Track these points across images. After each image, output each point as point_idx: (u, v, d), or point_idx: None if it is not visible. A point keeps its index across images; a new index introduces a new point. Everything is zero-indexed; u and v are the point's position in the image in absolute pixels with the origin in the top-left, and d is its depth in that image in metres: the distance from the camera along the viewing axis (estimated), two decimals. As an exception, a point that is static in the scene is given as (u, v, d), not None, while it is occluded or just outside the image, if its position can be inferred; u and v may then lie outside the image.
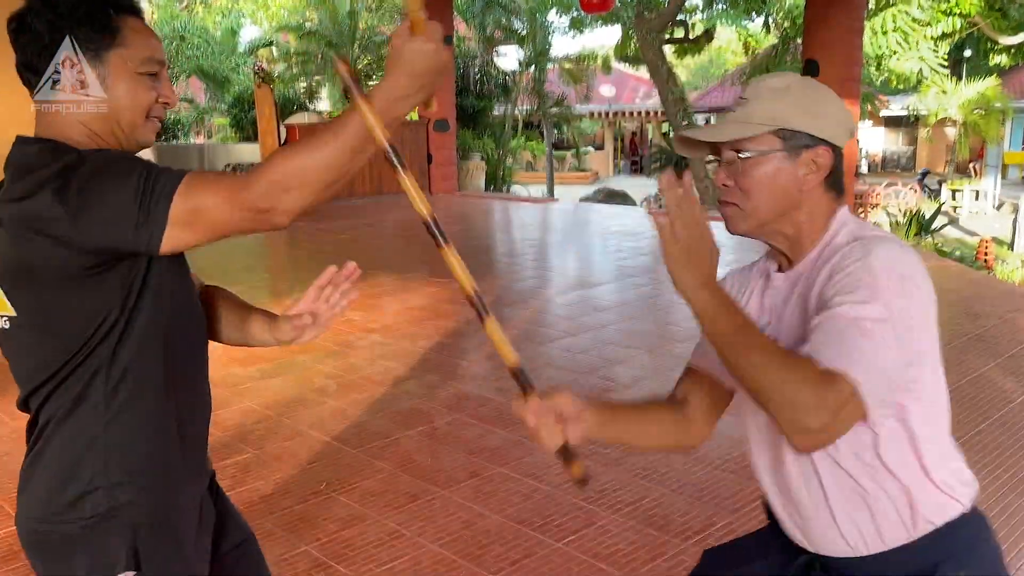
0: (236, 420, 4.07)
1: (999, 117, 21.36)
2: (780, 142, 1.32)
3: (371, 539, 2.92)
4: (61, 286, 1.24)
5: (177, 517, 1.39)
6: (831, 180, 1.35)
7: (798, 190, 1.33)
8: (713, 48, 29.65)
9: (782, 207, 1.34)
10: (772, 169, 1.33)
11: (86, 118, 1.31)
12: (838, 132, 1.35)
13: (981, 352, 5.05)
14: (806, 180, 1.32)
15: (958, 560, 1.30)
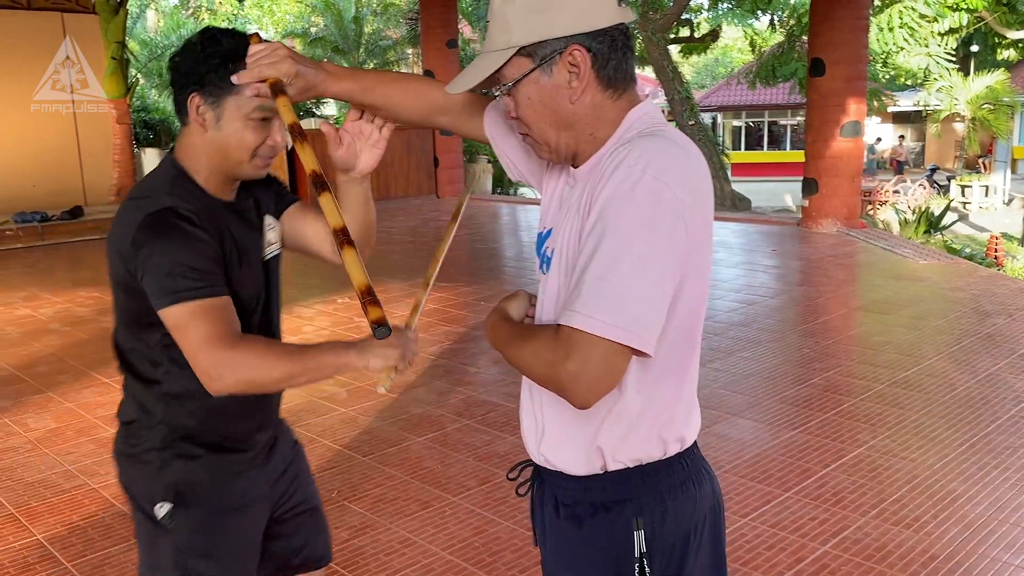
0: (247, 429, 4.10)
1: (1008, 112, 21.26)
2: (528, 60, 1.17)
3: (382, 547, 2.94)
4: None
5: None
6: (605, 76, 1.17)
7: (571, 102, 1.18)
8: (719, 47, 29.59)
9: (564, 125, 1.20)
10: (535, 92, 1.18)
11: (207, 150, 1.54)
12: (581, 17, 1.14)
13: (991, 351, 5.03)
14: (573, 89, 1.17)
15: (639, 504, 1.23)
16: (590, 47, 1.15)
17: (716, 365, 4.92)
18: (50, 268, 9.21)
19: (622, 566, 1.23)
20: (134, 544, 2.97)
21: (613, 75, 1.18)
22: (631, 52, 1.20)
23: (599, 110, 1.19)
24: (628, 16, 1.20)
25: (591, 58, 1.16)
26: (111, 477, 3.55)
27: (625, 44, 1.18)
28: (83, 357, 5.45)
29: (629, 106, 1.21)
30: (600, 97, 1.19)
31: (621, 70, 1.18)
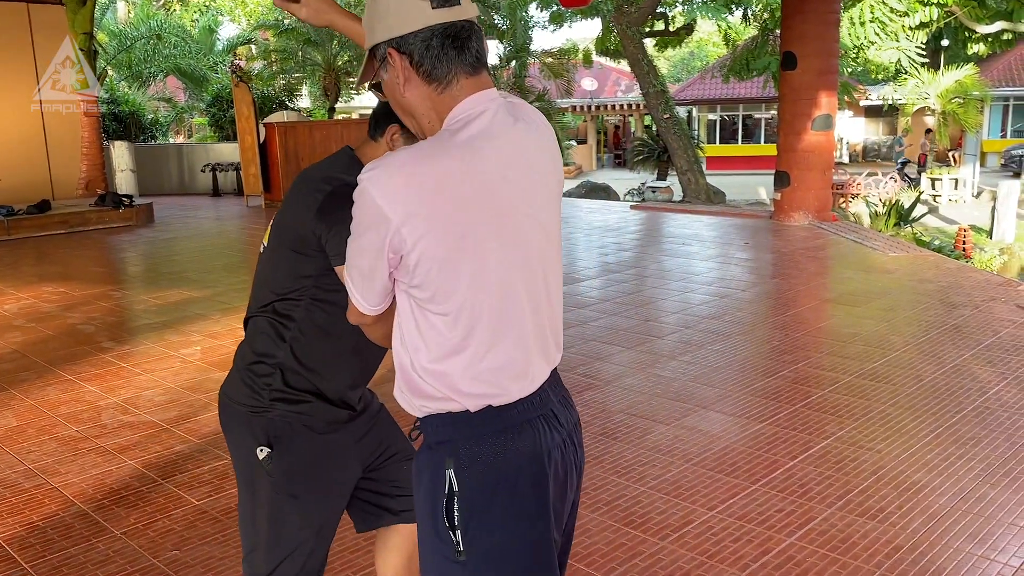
0: (212, 426, 4.04)
1: (977, 105, 21.52)
2: (375, 61, 1.38)
3: (348, 544, 2.90)
4: None
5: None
6: (423, 72, 1.33)
7: (401, 95, 1.36)
8: (694, 40, 29.70)
9: (407, 113, 1.40)
10: (385, 87, 1.39)
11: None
12: (393, 24, 1.32)
13: (957, 343, 5.09)
14: (399, 84, 1.35)
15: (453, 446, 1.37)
16: (401, 48, 1.32)
17: (686, 358, 4.93)
18: (15, 263, 9.05)
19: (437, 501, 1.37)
20: (93, 544, 2.92)
21: (431, 71, 1.33)
22: (456, 49, 1.32)
23: (427, 101, 1.35)
24: (458, 15, 1.32)
25: (405, 58, 1.33)
26: (72, 476, 3.50)
27: (445, 44, 1.32)
28: (47, 354, 5.36)
29: (455, 102, 1.34)
30: (426, 90, 1.34)
31: (440, 66, 1.32)
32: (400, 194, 1.25)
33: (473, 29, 1.35)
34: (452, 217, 1.27)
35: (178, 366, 5.04)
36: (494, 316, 1.33)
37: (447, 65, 1.32)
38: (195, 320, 6.13)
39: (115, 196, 11.95)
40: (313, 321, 1.77)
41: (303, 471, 1.82)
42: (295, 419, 1.79)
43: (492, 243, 1.31)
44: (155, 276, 8.45)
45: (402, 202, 1.25)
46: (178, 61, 20.18)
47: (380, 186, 1.25)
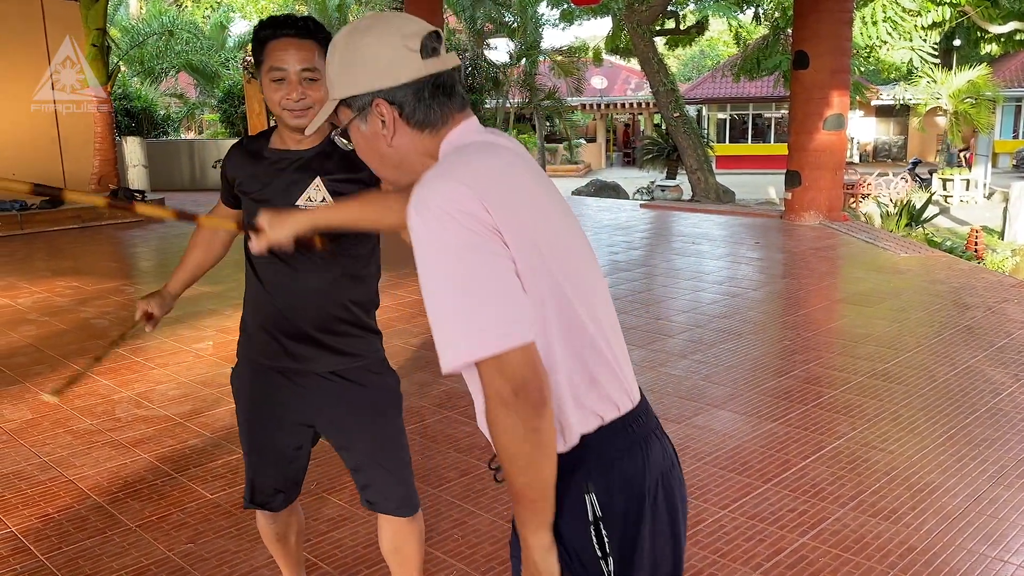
0: (225, 421, 4.06)
1: (989, 106, 21.40)
2: (349, 111, 1.31)
3: (361, 539, 2.92)
4: None
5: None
6: (415, 121, 1.28)
7: (387, 146, 1.30)
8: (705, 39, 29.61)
9: (391, 164, 1.33)
10: (360, 137, 1.33)
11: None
12: (380, 74, 1.26)
13: (970, 343, 5.07)
14: (385, 136, 1.29)
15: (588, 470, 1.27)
16: (392, 100, 1.27)
17: (697, 357, 4.93)
18: (28, 257, 9.10)
19: (584, 531, 1.25)
20: (108, 536, 2.94)
21: (424, 120, 1.29)
22: (447, 96, 1.29)
23: (420, 146, 1.30)
24: (443, 65, 1.29)
25: (396, 109, 1.28)
26: (87, 469, 3.52)
27: (437, 92, 1.28)
28: (61, 347, 5.39)
29: (440, 140, 1.30)
30: (416, 137, 1.30)
31: (433, 115, 1.29)
32: (465, 190, 1.15)
33: (455, 75, 1.32)
34: (527, 222, 1.19)
35: (191, 360, 5.06)
36: (579, 327, 1.24)
37: (439, 111, 1.29)
38: (207, 315, 6.16)
39: (127, 191, 12.01)
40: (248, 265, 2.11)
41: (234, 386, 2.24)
42: (238, 348, 2.20)
43: (555, 249, 1.24)
44: (167, 271, 8.44)
45: (472, 196, 1.15)
46: (190, 57, 20.27)
47: (442, 194, 1.15)
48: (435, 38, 1.29)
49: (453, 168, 1.20)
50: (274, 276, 2.05)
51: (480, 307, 1.12)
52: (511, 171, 1.24)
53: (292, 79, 1.89)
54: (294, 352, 2.06)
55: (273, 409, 2.13)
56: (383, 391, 2.15)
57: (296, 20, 1.92)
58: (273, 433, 2.14)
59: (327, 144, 1.99)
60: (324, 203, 1.97)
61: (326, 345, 2.06)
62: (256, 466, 2.19)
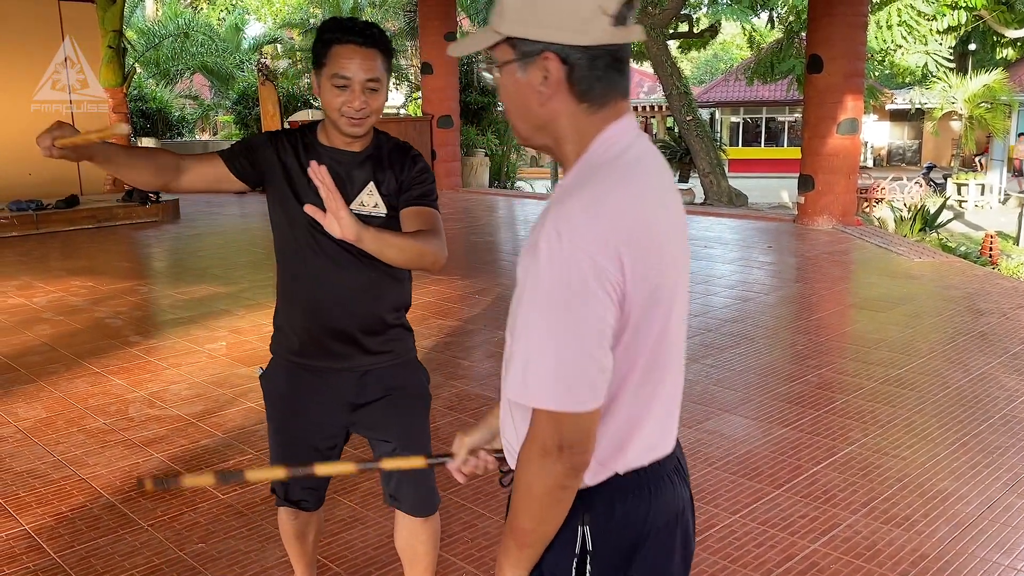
0: (238, 421, 4.08)
1: (1005, 111, 21.25)
2: (511, 50, 1.16)
3: (371, 540, 2.93)
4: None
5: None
6: (579, 89, 1.15)
7: (540, 105, 1.17)
8: (718, 42, 29.54)
9: (533, 124, 1.20)
10: (511, 83, 1.18)
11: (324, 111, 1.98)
12: (564, 28, 1.11)
13: (984, 350, 5.03)
14: (541, 94, 1.15)
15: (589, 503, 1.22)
16: (566, 58, 1.13)
17: (709, 361, 4.91)
18: (44, 256, 9.18)
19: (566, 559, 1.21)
20: (121, 535, 2.96)
21: (588, 91, 1.15)
22: (619, 74, 1.17)
23: (573, 120, 1.17)
24: (630, 36, 1.16)
25: (565, 70, 1.14)
26: (100, 467, 3.55)
27: (611, 66, 1.15)
28: (75, 347, 5.43)
29: (605, 124, 1.18)
30: (573, 107, 1.17)
31: (599, 88, 1.16)
32: (606, 237, 1.07)
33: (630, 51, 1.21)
34: (650, 263, 1.12)
35: (204, 361, 5.09)
36: (647, 371, 1.19)
37: (606, 87, 1.16)
38: (220, 316, 6.19)
39: (142, 192, 12.08)
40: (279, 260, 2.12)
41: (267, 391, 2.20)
42: (273, 348, 2.17)
43: (671, 289, 1.18)
44: (181, 272, 8.53)
45: (611, 245, 1.07)
46: (205, 59, 20.39)
47: (582, 234, 1.07)
48: (629, 6, 1.15)
49: (599, 199, 1.10)
50: (319, 272, 2.03)
51: (568, 362, 1.07)
52: (653, 207, 1.15)
53: (356, 88, 1.89)
54: (335, 350, 2.07)
55: (309, 411, 2.13)
56: (416, 388, 2.18)
57: (363, 28, 1.91)
58: (311, 435, 2.15)
59: (373, 148, 2.02)
60: (376, 208, 2.00)
61: (365, 343, 2.07)
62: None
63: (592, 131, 1.17)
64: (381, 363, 2.10)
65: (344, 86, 1.89)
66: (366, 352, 2.08)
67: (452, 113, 14.20)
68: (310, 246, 2.01)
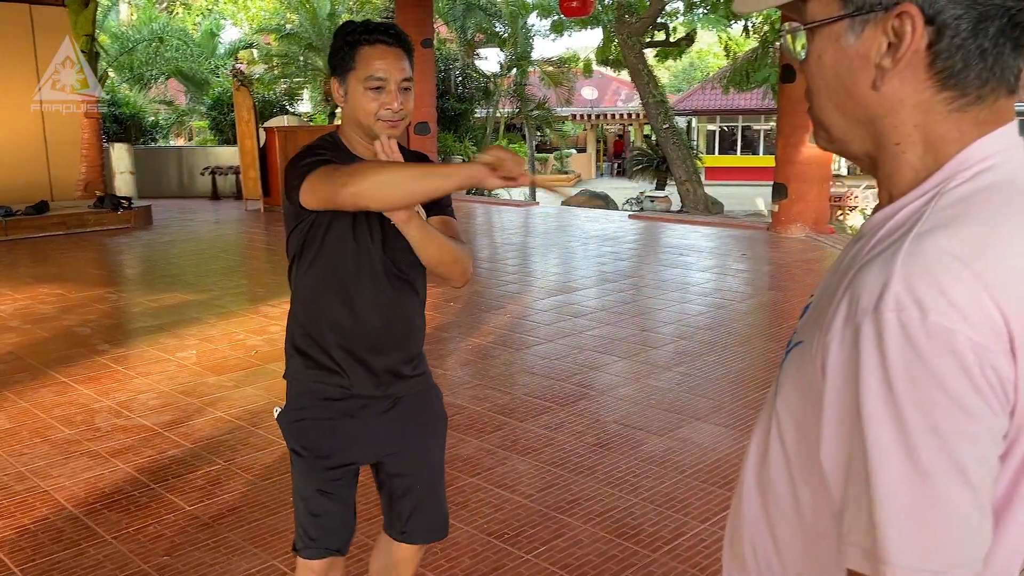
0: (206, 431, 4.04)
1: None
2: (839, 5, 0.78)
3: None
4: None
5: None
6: (944, 67, 0.75)
7: (871, 87, 0.78)
8: (694, 51, 29.79)
9: (855, 118, 0.81)
10: (830, 52, 0.80)
11: (348, 121, 1.89)
12: None
13: (953, 357, 5.08)
14: (881, 69, 0.77)
15: None
16: (935, 16, 0.74)
17: (682, 369, 4.93)
18: (13, 264, 9.04)
19: None
20: (84, 548, 2.91)
21: (959, 72, 0.75)
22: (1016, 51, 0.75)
23: (924, 115, 0.78)
24: None
25: (930, 32, 0.74)
26: (64, 479, 3.49)
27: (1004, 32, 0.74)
28: (42, 356, 5.35)
29: (978, 130, 0.77)
30: (927, 96, 0.77)
31: (979, 72, 0.75)
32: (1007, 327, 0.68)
33: None
34: None
35: (173, 369, 5.03)
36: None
37: (990, 71, 0.75)
38: (191, 324, 6.12)
39: (114, 198, 11.95)
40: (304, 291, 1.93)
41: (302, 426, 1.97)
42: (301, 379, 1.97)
43: None
44: (152, 279, 8.44)
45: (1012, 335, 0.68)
46: (179, 64, 20.23)
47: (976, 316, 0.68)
48: None
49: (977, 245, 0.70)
50: (376, 295, 1.89)
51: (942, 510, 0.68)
52: None
53: (392, 88, 1.81)
54: (382, 379, 1.94)
55: (348, 451, 1.97)
56: (437, 411, 2.10)
57: (388, 27, 1.84)
58: (351, 478, 2.02)
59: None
60: (418, 212, 1.87)
61: (404, 370, 1.98)
62: (331, 512, 1.98)
63: (955, 138, 0.77)
64: (415, 388, 2.02)
65: (380, 87, 1.80)
66: (403, 378, 1.98)
67: (429, 119, 14.19)
68: (370, 270, 1.87)
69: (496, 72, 20.20)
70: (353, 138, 1.89)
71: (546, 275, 8.41)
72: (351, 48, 1.81)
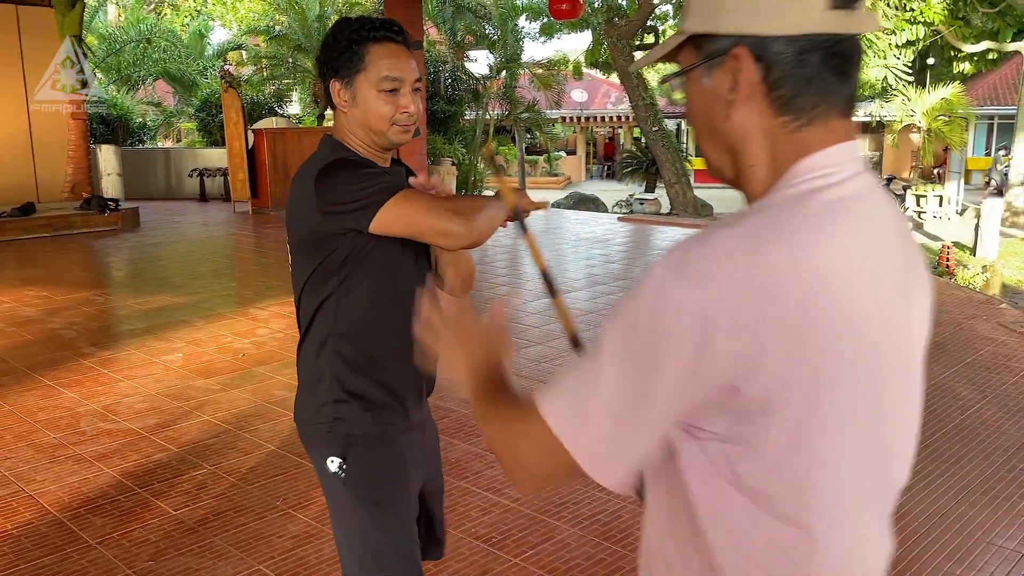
0: (192, 435, 4.01)
1: (962, 124, 21.71)
2: (695, 53, 0.91)
3: (326, 556, 2.88)
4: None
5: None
6: (778, 96, 0.87)
7: (725, 119, 0.90)
8: (683, 54, 29.81)
9: (720, 147, 0.93)
10: (695, 93, 0.93)
11: (354, 128, 1.72)
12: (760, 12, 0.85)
13: (939, 360, 5.11)
14: (729, 102, 0.89)
15: None
16: (762, 55, 0.86)
17: (671, 372, 4.93)
18: (-2, 266, 8.98)
19: None
20: (68, 553, 2.89)
21: (792, 98, 0.87)
22: (839, 78, 0.87)
23: (767, 139, 0.89)
24: (857, 25, 0.87)
25: (760, 69, 0.86)
26: (48, 483, 3.46)
27: (827, 65, 0.86)
28: (27, 358, 5.31)
29: (812, 147, 0.88)
30: (769, 121, 0.88)
31: (807, 95, 0.86)
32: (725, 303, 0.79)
33: (859, 49, 0.90)
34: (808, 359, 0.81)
35: (159, 373, 5.00)
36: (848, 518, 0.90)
37: (818, 96, 0.87)
38: (178, 326, 6.09)
39: (101, 200, 11.88)
40: (348, 321, 1.70)
41: (380, 475, 1.75)
42: (363, 424, 1.74)
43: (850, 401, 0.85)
44: (139, 281, 8.39)
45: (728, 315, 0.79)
46: (168, 65, 20.15)
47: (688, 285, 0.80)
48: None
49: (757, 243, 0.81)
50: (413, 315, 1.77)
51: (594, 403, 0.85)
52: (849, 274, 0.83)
53: (407, 90, 1.69)
54: (424, 399, 1.85)
55: (414, 488, 1.84)
56: (434, 424, 1.99)
57: (393, 24, 1.71)
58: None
59: (394, 161, 1.85)
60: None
61: (429, 384, 1.88)
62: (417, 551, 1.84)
63: (791, 156, 0.88)
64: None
65: (395, 89, 1.67)
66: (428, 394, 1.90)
67: (420, 122, 14.17)
68: (422, 280, 1.73)
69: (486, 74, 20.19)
70: (357, 145, 1.73)
71: (536, 277, 8.40)
72: (358, 46, 1.66)
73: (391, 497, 1.76)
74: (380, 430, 1.75)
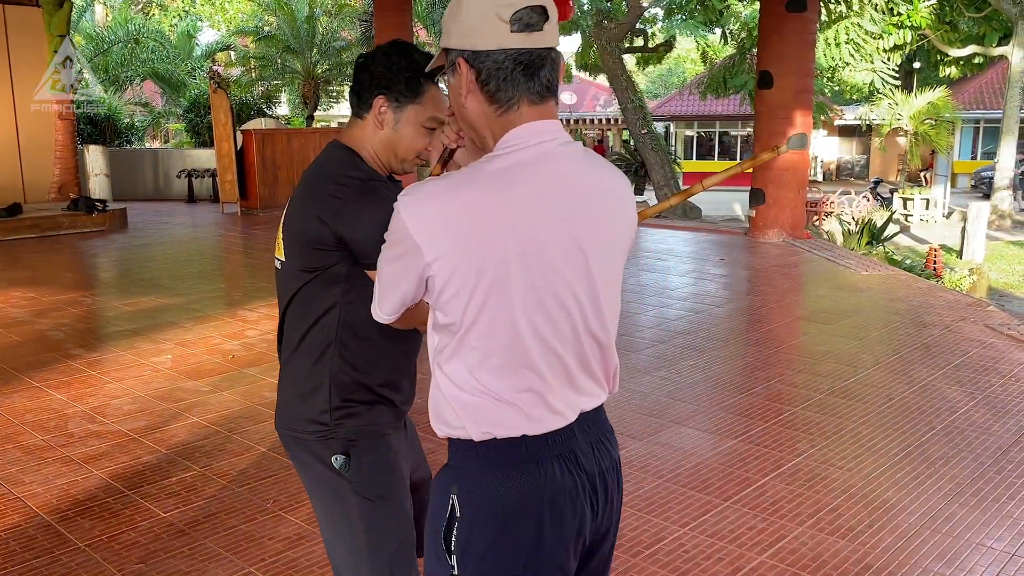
0: (181, 437, 3.99)
1: (948, 127, 21.88)
2: (444, 59, 1.35)
3: (317, 558, 2.87)
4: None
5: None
6: (488, 91, 1.29)
7: (463, 107, 1.33)
8: (672, 57, 29.95)
9: (465, 122, 1.36)
10: (449, 87, 1.36)
11: (377, 145, 1.77)
12: (467, 35, 1.28)
13: (927, 362, 5.14)
14: (461, 95, 1.31)
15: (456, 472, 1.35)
16: (472, 63, 1.29)
17: (661, 373, 4.94)
18: (-16, 267, 8.90)
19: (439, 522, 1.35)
20: (56, 556, 2.86)
21: (495, 92, 1.29)
22: (526, 77, 1.28)
23: (487, 120, 1.32)
24: (537, 42, 1.27)
25: (473, 72, 1.29)
26: (36, 486, 3.43)
27: (516, 70, 1.27)
28: (14, 360, 5.26)
29: (511, 126, 1.30)
30: (486, 108, 1.31)
31: (505, 90, 1.28)
32: (431, 226, 1.23)
33: (548, 57, 1.30)
34: (476, 252, 1.24)
35: (148, 374, 4.97)
36: (506, 352, 1.29)
37: (512, 90, 1.29)
38: (167, 328, 6.06)
39: (88, 200, 11.81)
40: (351, 329, 1.74)
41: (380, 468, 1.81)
42: (362, 424, 1.79)
43: (514, 278, 1.26)
44: (127, 282, 8.34)
45: (432, 234, 1.23)
46: (156, 66, 20.06)
47: (413, 215, 1.25)
48: (536, 13, 1.26)
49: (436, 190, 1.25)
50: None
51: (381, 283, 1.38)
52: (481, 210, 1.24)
53: (437, 131, 1.72)
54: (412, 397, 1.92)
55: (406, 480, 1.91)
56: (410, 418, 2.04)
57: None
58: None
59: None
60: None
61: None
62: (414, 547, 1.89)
63: (500, 132, 1.31)
64: None
65: (434, 128, 1.74)
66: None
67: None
68: None
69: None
70: (371, 157, 1.77)
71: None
72: (423, 81, 1.72)
73: (393, 489, 1.82)
74: (377, 428, 1.81)
